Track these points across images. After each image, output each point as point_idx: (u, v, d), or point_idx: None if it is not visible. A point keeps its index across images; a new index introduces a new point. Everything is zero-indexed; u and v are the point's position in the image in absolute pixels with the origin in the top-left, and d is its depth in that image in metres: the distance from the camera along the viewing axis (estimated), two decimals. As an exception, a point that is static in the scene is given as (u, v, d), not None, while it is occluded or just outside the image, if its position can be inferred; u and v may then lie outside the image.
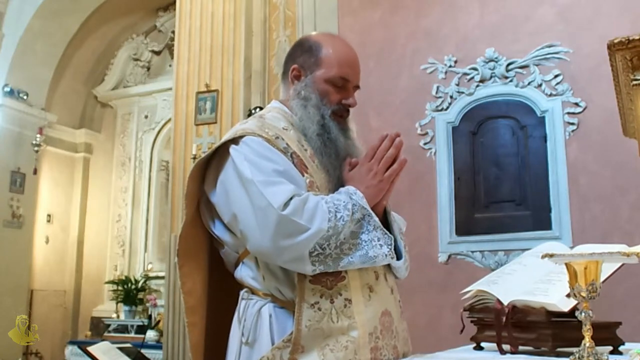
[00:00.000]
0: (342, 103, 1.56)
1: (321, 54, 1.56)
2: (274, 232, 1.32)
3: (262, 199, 1.34)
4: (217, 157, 1.49)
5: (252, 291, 1.47)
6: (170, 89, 5.56)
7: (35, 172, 7.09)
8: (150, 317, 6.64)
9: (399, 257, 1.49)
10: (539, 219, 3.92)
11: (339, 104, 1.55)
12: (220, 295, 1.58)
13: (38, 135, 7.11)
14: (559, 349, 1.37)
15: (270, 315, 1.41)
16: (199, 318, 1.53)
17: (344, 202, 1.38)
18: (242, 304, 1.48)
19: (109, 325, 6.92)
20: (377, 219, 1.41)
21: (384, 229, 1.42)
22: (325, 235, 1.32)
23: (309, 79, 1.55)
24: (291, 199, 1.34)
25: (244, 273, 1.48)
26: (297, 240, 1.31)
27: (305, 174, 1.44)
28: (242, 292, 1.50)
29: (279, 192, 1.34)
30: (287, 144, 1.46)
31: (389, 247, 1.40)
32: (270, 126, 1.50)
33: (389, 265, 1.51)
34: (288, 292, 1.41)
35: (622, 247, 1.19)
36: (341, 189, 1.44)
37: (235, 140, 1.46)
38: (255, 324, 1.42)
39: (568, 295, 1.29)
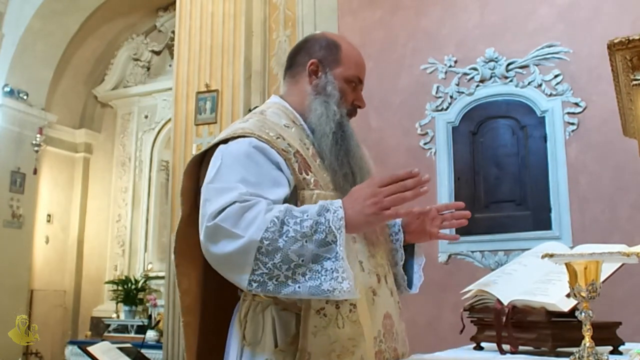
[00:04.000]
0: (354, 104, 1.56)
1: (341, 52, 1.55)
2: (204, 240, 1.29)
3: (205, 206, 1.31)
4: (211, 155, 1.47)
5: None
6: (170, 89, 5.56)
7: (35, 172, 7.10)
8: (150, 317, 6.64)
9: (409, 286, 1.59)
10: (539, 219, 3.92)
11: (352, 105, 1.56)
12: (216, 294, 1.56)
13: (38, 135, 7.11)
14: (559, 349, 1.37)
15: (273, 318, 1.39)
16: (193, 318, 1.51)
17: (304, 216, 1.24)
18: (243, 305, 1.46)
19: (109, 325, 6.92)
20: (342, 249, 1.23)
21: (346, 259, 1.25)
22: (262, 248, 1.21)
23: (330, 76, 1.53)
24: (231, 205, 1.26)
25: None
26: (228, 250, 1.24)
27: (310, 173, 1.41)
28: (242, 293, 1.48)
29: (220, 201, 1.28)
30: (288, 143, 1.42)
31: (350, 283, 1.23)
32: (272, 124, 1.46)
33: (388, 268, 1.51)
34: None
35: (622, 247, 1.19)
36: (321, 201, 1.30)
37: (227, 140, 1.43)
38: (258, 326, 1.40)
39: (568, 295, 1.29)
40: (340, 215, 1.25)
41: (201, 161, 1.51)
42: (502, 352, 1.45)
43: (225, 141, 1.44)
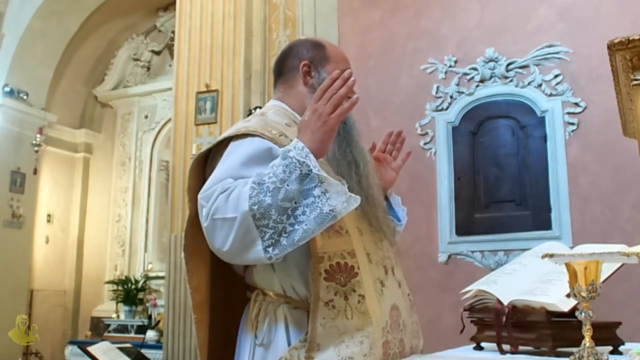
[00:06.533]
0: (348, 96, 1.59)
1: (326, 51, 1.63)
2: (210, 241, 1.35)
3: (202, 212, 1.36)
4: (216, 152, 1.50)
5: (264, 292, 1.46)
6: (170, 89, 5.56)
7: (35, 172, 7.09)
8: (150, 317, 6.64)
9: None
10: (539, 219, 3.92)
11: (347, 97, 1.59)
12: (224, 292, 1.57)
13: (38, 135, 7.11)
14: (559, 349, 1.37)
15: (286, 317, 1.41)
16: (204, 315, 1.52)
17: (274, 169, 1.29)
18: (254, 306, 1.46)
19: (109, 325, 6.92)
20: (320, 171, 1.28)
21: (328, 177, 1.29)
22: (256, 214, 1.26)
23: (323, 73, 1.57)
24: (217, 198, 1.32)
25: (255, 273, 1.47)
26: (231, 236, 1.29)
27: None
28: (253, 294, 1.48)
29: (210, 201, 1.34)
30: (291, 140, 1.43)
31: (345, 193, 1.29)
32: (274, 123, 1.50)
33: (395, 260, 1.53)
34: (302, 290, 1.41)
35: (622, 247, 1.19)
36: (280, 150, 1.35)
37: (235, 137, 1.46)
38: (271, 325, 1.42)
39: (568, 295, 1.29)
40: (300, 146, 1.30)
41: (205, 159, 1.53)
42: (502, 352, 1.45)
43: (228, 140, 1.46)
